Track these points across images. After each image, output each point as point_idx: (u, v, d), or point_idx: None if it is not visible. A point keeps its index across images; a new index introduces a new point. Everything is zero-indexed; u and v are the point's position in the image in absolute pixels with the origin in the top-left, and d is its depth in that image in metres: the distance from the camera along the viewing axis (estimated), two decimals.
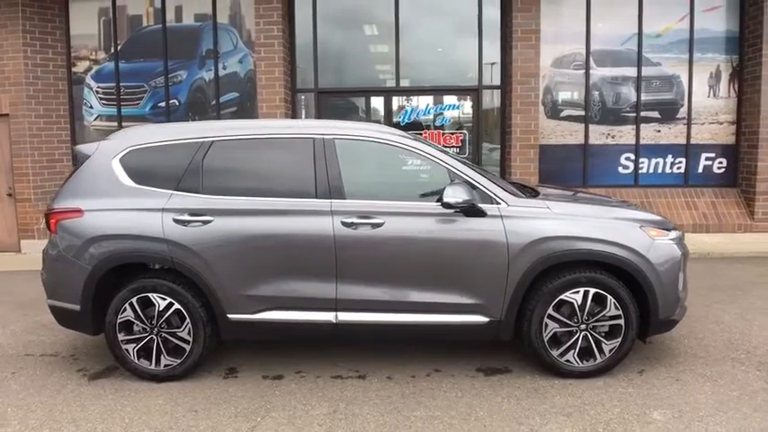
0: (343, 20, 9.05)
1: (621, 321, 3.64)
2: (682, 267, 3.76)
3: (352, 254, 3.63)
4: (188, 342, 3.73)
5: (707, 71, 8.80)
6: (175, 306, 3.69)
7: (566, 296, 3.62)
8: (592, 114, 8.90)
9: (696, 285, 5.48)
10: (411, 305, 3.66)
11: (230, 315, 3.71)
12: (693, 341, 4.32)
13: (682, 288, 3.79)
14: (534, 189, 4.34)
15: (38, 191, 8.56)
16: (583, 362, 3.68)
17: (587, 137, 8.90)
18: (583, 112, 8.89)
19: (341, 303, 3.66)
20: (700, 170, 8.92)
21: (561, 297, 3.62)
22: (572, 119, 8.94)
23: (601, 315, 3.64)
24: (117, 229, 3.69)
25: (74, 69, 9.01)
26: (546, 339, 3.66)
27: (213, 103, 8.94)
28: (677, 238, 3.82)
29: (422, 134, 8.67)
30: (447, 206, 3.58)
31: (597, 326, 3.66)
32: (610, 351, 3.67)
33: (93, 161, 3.86)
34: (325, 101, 9.11)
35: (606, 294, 3.62)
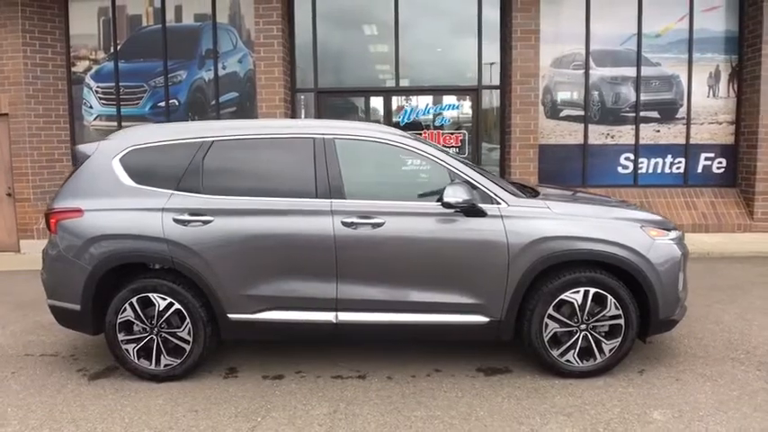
0: (342, 20, 9.05)
1: (621, 321, 3.64)
2: (682, 267, 3.77)
3: (352, 254, 3.63)
4: (188, 342, 3.73)
5: (706, 71, 8.80)
6: (175, 306, 3.69)
7: (566, 296, 3.62)
8: (591, 114, 8.90)
9: (696, 285, 5.48)
10: (411, 305, 3.66)
11: (230, 315, 3.71)
12: (693, 341, 4.33)
13: (682, 288, 3.79)
14: (534, 189, 4.34)
15: (37, 191, 8.55)
16: (583, 362, 3.69)
17: (587, 137, 8.90)
18: (582, 112, 8.89)
19: (341, 303, 3.66)
20: (699, 170, 8.93)
21: (561, 297, 3.62)
22: (571, 119, 8.94)
23: (601, 315, 3.64)
24: (117, 229, 3.69)
25: (73, 69, 9.00)
26: (546, 339, 3.66)
27: (213, 102, 8.94)
28: (677, 238, 3.82)
29: (421, 134, 8.67)
30: (447, 206, 3.58)
31: (597, 326, 3.66)
32: (610, 351, 3.67)
33: (94, 161, 3.86)
34: (325, 101, 9.11)
35: (606, 294, 3.62)
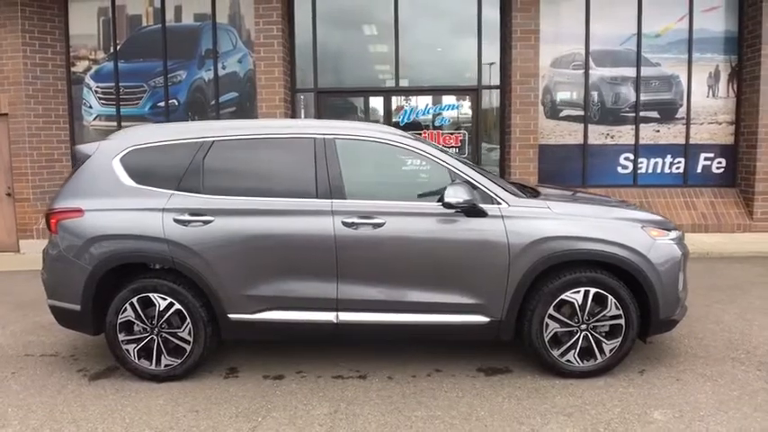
0: (342, 20, 9.05)
1: (622, 321, 3.65)
2: (682, 267, 3.77)
3: (352, 254, 3.63)
4: (188, 342, 3.72)
5: (706, 71, 8.80)
6: (176, 306, 3.69)
7: (566, 296, 3.63)
8: (591, 114, 8.90)
9: (695, 285, 5.48)
10: (412, 305, 3.66)
11: (231, 315, 3.71)
12: (693, 341, 4.33)
13: (682, 288, 3.80)
14: (534, 189, 4.34)
15: (37, 191, 8.55)
16: (583, 362, 3.69)
17: (586, 137, 8.91)
18: (582, 112, 8.89)
19: (342, 303, 3.66)
20: (699, 170, 8.93)
21: (562, 297, 3.62)
22: (571, 119, 8.94)
23: (601, 315, 3.64)
24: (117, 229, 3.69)
25: (73, 69, 8.99)
26: (546, 339, 3.66)
27: (213, 102, 8.93)
28: (678, 238, 3.82)
29: (421, 134, 8.67)
30: (448, 206, 3.58)
31: (598, 326, 3.66)
32: (610, 351, 3.68)
33: (94, 161, 3.85)
34: (325, 101, 9.11)
35: (607, 294, 3.62)
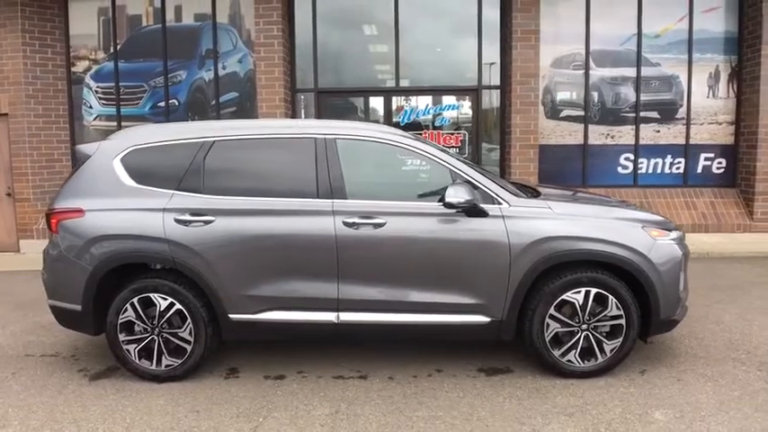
0: (342, 20, 9.04)
1: (623, 321, 3.65)
2: (683, 267, 3.77)
3: (353, 254, 3.63)
4: (189, 342, 3.72)
5: (706, 71, 8.80)
6: (177, 306, 3.69)
7: (567, 296, 3.63)
8: (591, 114, 8.90)
9: (696, 285, 5.48)
10: (412, 305, 3.66)
11: (232, 315, 3.70)
12: (694, 341, 4.33)
13: (683, 288, 3.80)
14: (535, 189, 4.34)
15: (37, 191, 8.54)
16: (584, 362, 3.69)
17: (587, 137, 8.90)
18: (582, 113, 8.89)
19: (342, 303, 3.66)
20: (699, 170, 8.93)
21: (563, 297, 3.63)
22: (571, 119, 8.94)
23: (602, 315, 3.64)
24: (118, 229, 3.69)
25: (73, 69, 8.98)
26: (547, 339, 3.66)
27: (213, 102, 8.93)
28: (678, 238, 3.82)
29: (421, 134, 8.67)
30: (449, 206, 3.58)
31: (598, 326, 3.66)
32: (611, 351, 3.68)
33: (95, 161, 3.85)
34: (325, 101, 9.10)
35: (607, 294, 3.62)
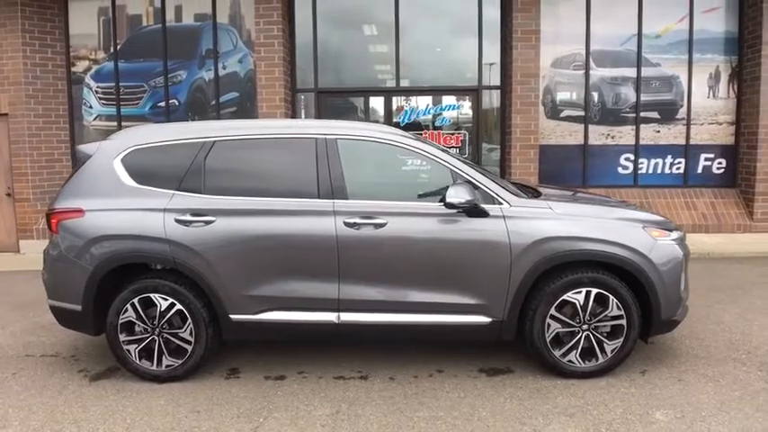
0: (342, 20, 9.04)
1: (623, 321, 3.64)
2: (684, 268, 3.77)
3: (354, 254, 3.63)
4: (190, 343, 3.72)
5: (706, 72, 8.80)
6: (177, 306, 3.69)
7: (568, 296, 3.62)
8: (591, 115, 8.90)
9: (696, 285, 5.48)
10: (413, 305, 3.66)
11: (232, 315, 3.70)
12: (695, 341, 4.33)
13: (683, 288, 3.80)
14: (536, 189, 4.34)
15: (37, 191, 8.53)
16: (585, 362, 3.69)
17: (587, 137, 8.90)
18: (582, 113, 8.89)
19: (343, 304, 3.66)
20: (699, 170, 8.93)
21: (563, 297, 3.62)
22: (572, 119, 8.94)
23: (603, 315, 3.64)
24: (119, 230, 3.68)
25: (73, 69, 8.98)
26: (548, 340, 3.66)
27: (213, 102, 8.92)
28: (679, 238, 3.82)
29: (421, 134, 8.67)
30: (450, 206, 3.58)
31: (599, 326, 3.66)
32: (612, 351, 3.67)
33: (95, 161, 3.85)
34: (325, 101, 9.10)
35: (608, 295, 3.62)
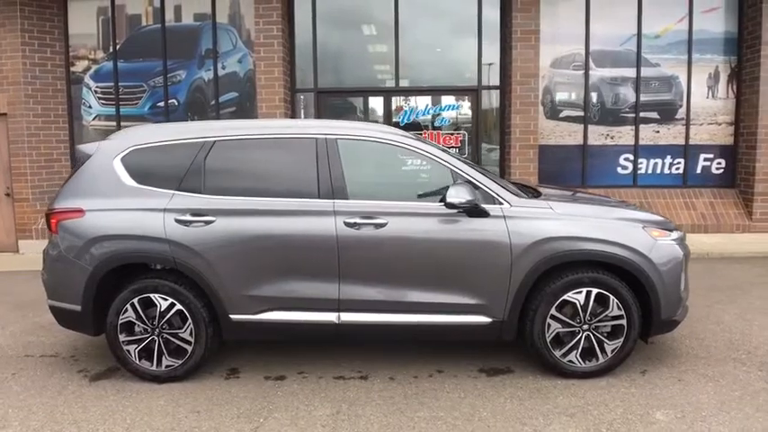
0: (342, 20, 9.04)
1: (624, 322, 3.64)
2: (684, 268, 3.77)
3: (354, 254, 3.62)
4: (190, 343, 3.71)
5: (705, 72, 8.81)
6: (177, 307, 3.68)
7: (568, 296, 3.62)
8: (591, 115, 8.90)
9: (696, 285, 5.48)
10: (413, 305, 3.66)
11: (232, 315, 3.70)
12: (695, 341, 4.33)
13: (683, 288, 3.80)
14: (536, 189, 4.34)
15: (36, 191, 8.52)
16: (585, 362, 3.69)
17: (586, 137, 8.91)
18: (582, 113, 8.89)
19: (343, 304, 3.66)
20: (698, 171, 8.94)
21: (564, 297, 3.62)
22: (571, 119, 8.94)
23: (603, 315, 3.64)
24: (118, 230, 3.68)
25: (72, 69, 8.97)
26: (548, 340, 3.66)
27: (212, 102, 8.92)
28: (679, 238, 3.82)
29: (421, 134, 8.66)
30: (450, 206, 3.58)
31: (600, 326, 3.66)
32: (612, 351, 3.67)
33: (95, 161, 3.84)
34: (325, 101, 9.10)
35: (609, 295, 3.62)
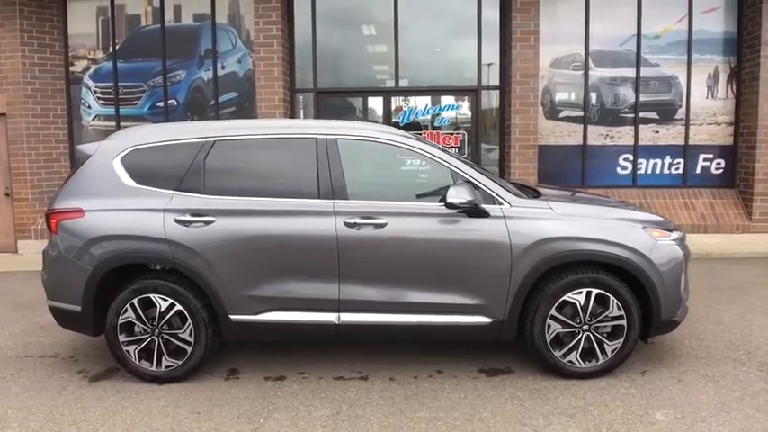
0: (342, 20, 9.03)
1: (624, 322, 3.64)
2: (684, 268, 3.77)
3: (354, 254, 3.62)
4: (189, 343, 3.71)
5: (705, 72, 8.81)
6: (177, 307, 3.68)
7: (568, 297, 3.62)
8: (590, 115, 8.90)
9: (696, 286, 5.47)
10: (413, 306, 3.66)
11: (232, 316, 3.69)
12: (695, 342, 4.33)
13: (684, 289, 3.80)
14: (536, 189, 4.34)
15: (35, 191, 8.51)
16: (585, 362, 3.68)
17: (586, 137, 8.90)
18: (581, 113, 8.89)
19: (343, 304, 3.65)
20: (698, 171, 8.94)
21: (564, 298, 3.62)
22: (571, 119, 8.94)
23: (603, 316, 3.64)
24: (118, 230, 3.67)
25: (72, 69, 8.96)
26: (548, 340, 3.66)
27: (212, 103, 8.91)
28: (679, 238, 3.82)
29: (420, 134, 8.66)
30: (450, 206, 3.58)
31: (600, 326, 3.66)
32: (612, 352, 3.67)
33: (95, 161, 3.84)
34: (324, 101, 9.09)
35: (609, 295, 3.62)
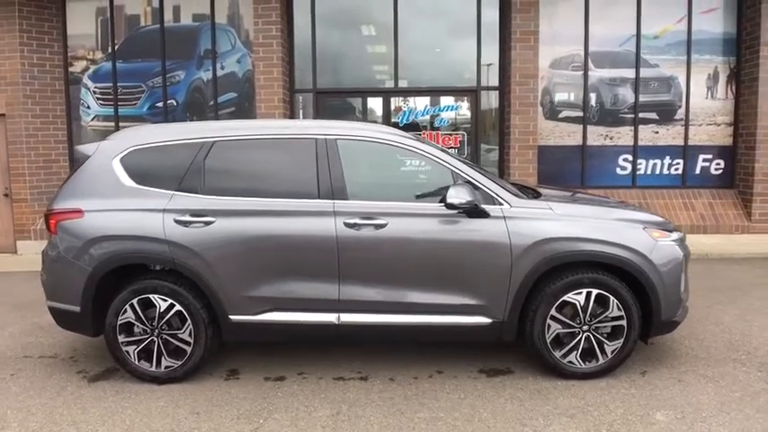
0: (341, 20, 9.03)
1: (624, 322, 3.64)
2: (684, 269, 3.77)
3: (354, 255, 3.62)
4: (189, 343, 3.70)
5: (704, 73, 8.82)
6: (176, 307, 3.67)
7: (568, 297, 3.62)
8: (590, 115, 8.91)
9: (695, 286, 5.47)
10: (413, 306, 3.65)
11: (232, 316, 3.69)
12: (695, 342, 4.33)
13: (684, 289, 3.80)
14: (536, 190, 4.34)
15: (34, 191, 8.50)
16: (585, 363, 3.68)
17: (585, 138, 8.91)
18: (581, 114, 8.89)
19: (343, 304, 3.65)
20: (697, 171, 8.95)
21: (564, 298, 3.62)
22: (570, 120, 8.94)
23: (603, 316, 3.64)
24: (118, 230, 3.67)
25: (71, 69, 8.95)
26: (548, 340, 3.66)
27: (211, 103, 8.90)
28: (679, 239, 3.82)
29: (420, 135, 8.67)
30: (450, 207, 3.57)
31: (600, 327, 3.66)
32: (612, 352, 3.67)
33: (94, 161, 3.83)
34: (324, 101, 9.09)
35: (609, 295, 3.62)
